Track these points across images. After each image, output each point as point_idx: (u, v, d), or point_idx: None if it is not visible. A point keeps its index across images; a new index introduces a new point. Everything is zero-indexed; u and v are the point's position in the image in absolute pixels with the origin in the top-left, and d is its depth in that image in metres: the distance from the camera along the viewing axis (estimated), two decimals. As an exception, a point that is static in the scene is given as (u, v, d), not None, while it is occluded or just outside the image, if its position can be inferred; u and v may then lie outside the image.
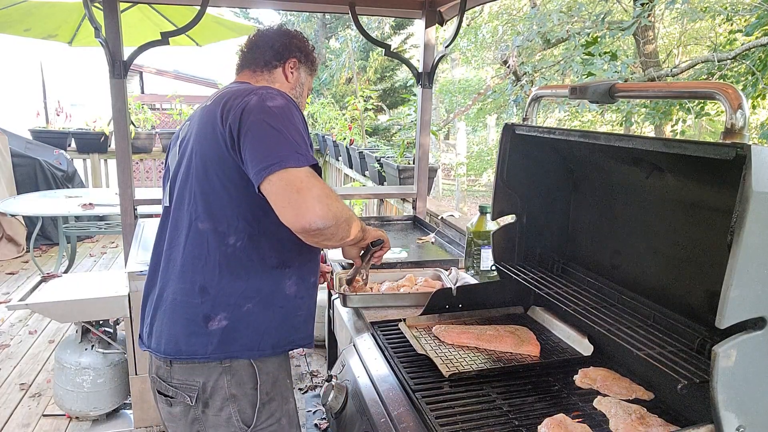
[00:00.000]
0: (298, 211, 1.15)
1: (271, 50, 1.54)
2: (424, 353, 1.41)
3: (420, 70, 3.12)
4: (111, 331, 2.79)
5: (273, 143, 1.21)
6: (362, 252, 1.60)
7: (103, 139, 6.86)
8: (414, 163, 3.44)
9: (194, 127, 1.40)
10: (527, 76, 8.16)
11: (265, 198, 1.20)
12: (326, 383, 1.59)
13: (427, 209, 3.27)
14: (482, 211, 2.05)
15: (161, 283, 1.39)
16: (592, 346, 1.46)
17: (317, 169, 1.25)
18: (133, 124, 7.00)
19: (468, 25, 10.41)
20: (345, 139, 6.04)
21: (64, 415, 2.95)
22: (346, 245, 1.50)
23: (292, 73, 1.57)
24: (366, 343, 1.58)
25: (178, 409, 1.37)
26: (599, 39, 6.62)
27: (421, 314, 1.67)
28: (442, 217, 3.06)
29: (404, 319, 1.61)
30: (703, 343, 1.13)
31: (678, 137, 6.88)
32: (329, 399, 1.50)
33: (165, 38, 2.70)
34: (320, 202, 1.16)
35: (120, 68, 2.69)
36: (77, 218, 5.11)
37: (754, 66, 5.51)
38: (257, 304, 1.34)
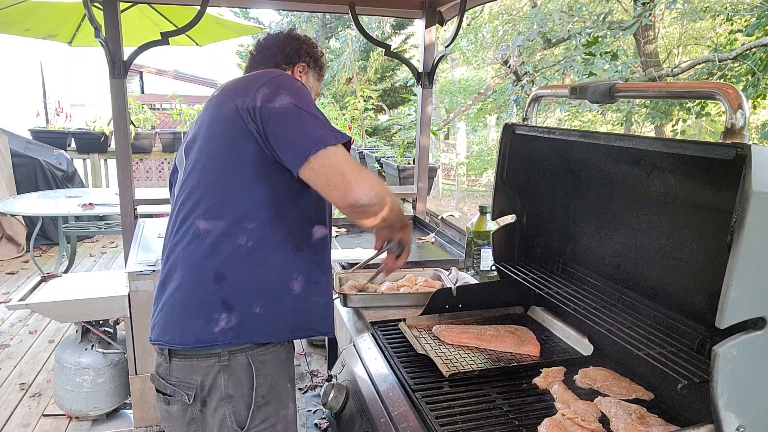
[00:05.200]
0: (344, 192, 1.20)
1: (281, 53, 1.58)
2: (424, 353, 1.41)
3: (420, 70, 3.12)
4: (111, 331, 2.79)
5: (306, 124, 1.23)
6: (385, 244, 1.52)
7: (103, 139, 6.86)
8: (414, 163, 3.44)
9: (204, 120, 1.38)
10: (528, 75, 8.16)
11: (301, 181, 1.24)
12: (326, 383, 1.59)
13: (427, 209, 3.27)
14: (482, 211, 2.05)
15: (167, 275, 1.37)
16: (592, 346, 1.46)
17: (348, 144, 1.27)
18: (133, 124, 7.00)
19: (468, 25, 10.41)
20: (345, 139, 6.03)
21: (64, 415, 2.95)
22: (382, 225, 1.41)
23: (300, 77, 1.60)
24: (366, 343, 1.58)
25: (176, 408, 1.36)
26: (600, 39, 6.63)
27: (421, 314, 1.66)
28: (442, 217, 3.06)
29: (404, 319, 1.61)
30: (703, 343, 1.13)
31: (678, 137, 6.89)
32: (329, 399, 1.50)
33: (165, 38, 2.70)
34: (363, 182, 1.20)
35: (120, 68, 2.69)
36: (77, 218, 5.11)
37: (754, 66, 5.51)
38: (275, 288, 1.33)
